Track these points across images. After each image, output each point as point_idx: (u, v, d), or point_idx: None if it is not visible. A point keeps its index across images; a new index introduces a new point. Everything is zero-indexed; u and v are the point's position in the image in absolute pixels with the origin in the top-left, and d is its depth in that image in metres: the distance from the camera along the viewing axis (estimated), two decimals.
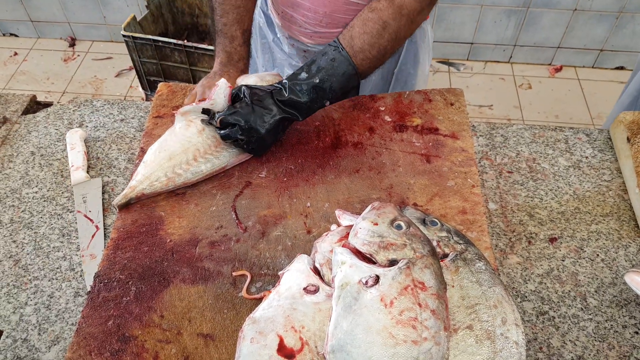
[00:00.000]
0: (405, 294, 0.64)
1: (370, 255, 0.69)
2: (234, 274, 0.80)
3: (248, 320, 0.68)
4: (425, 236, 0.73)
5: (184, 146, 0.92)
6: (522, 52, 2.82)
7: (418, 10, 0.92)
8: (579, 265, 0.86)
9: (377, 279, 0.66)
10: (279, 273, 0.75)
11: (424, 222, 0.77)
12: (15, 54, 2.90)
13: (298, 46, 1.15)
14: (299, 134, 1.00)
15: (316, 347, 0.65)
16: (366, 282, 0.66)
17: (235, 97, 0.93)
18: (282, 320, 0.67)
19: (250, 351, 0.65)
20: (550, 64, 2.86)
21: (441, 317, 0.64)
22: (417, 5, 0.91)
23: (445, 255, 0.72)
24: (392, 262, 0.68)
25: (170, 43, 2.08)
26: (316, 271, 0.73)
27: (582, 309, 0.81)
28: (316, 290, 0.70)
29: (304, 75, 0.90)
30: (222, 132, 0.91)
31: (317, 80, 0.90)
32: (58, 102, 1.13)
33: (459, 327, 0.65)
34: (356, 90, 1.20)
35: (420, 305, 0.64)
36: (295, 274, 0.73)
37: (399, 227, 0.72)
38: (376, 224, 0.72)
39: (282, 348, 0.64)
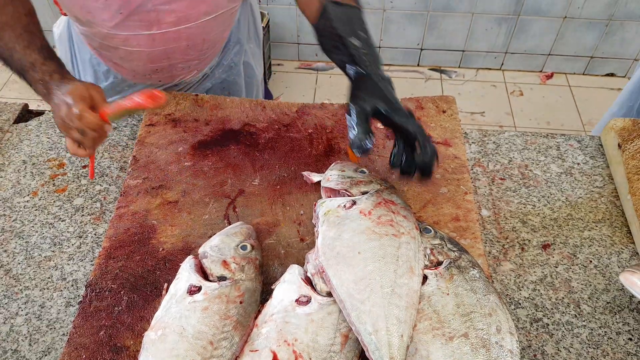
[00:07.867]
0: (380, 206, 0.77)
1: (345, 190, 0.83)
2: None
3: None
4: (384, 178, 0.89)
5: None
6: (513, 60, 2.84)
7: None
8: (572, 271, 0.87)
9: (354, 202, 0.78)
10: (272, 287, 0.74)
11: None
12: None
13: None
14: (291, 141, 1.00)
15: (310, 358, 0.64)
16: (345, 205, 0.78)
17: None
18: (275, 335, 0.66)
19: None
20: (541, 71, 2.88)
21: (412, 221, 0.77)
22: None
23: (439, 263, 0.72)
24: (364, 194, 0.81)
25: None
26: (308, 282, 0.73)
27: (575, 316, 0.81)
28: (308, 301, 0.69)
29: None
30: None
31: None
32: (50, 111, 1.12)
33: (454, 335, 0.65)
34: None
35: (393, 212, 0.77)
36: (287, 286, 0.72)
37: (362, 171, 0.87)
38: (343, 171, 0.87)
39: None
